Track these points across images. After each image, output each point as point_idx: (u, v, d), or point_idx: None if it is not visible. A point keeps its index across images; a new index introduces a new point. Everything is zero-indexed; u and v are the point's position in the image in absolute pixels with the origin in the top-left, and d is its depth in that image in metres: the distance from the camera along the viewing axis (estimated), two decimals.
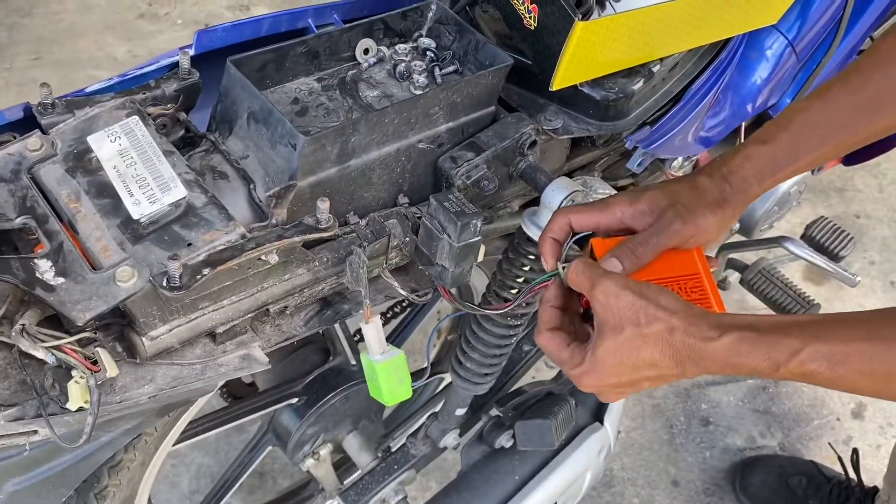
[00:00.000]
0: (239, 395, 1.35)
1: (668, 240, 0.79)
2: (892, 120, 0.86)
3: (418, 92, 0.88)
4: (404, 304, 1.50)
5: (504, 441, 1.21)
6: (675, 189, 0.81)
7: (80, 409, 0.67)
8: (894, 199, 2.33)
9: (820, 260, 1.36)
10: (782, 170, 0.83)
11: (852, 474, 1.60)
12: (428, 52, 0.94)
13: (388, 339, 0.89)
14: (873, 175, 2.38)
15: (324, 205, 0.75)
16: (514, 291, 0.99)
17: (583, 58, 0.88)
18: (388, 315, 1.52)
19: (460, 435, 1.24)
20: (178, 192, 0.73)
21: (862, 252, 2.18)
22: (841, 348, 0.70)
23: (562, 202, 0.89)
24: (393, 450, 1.27)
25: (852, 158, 1.77)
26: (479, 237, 0.84)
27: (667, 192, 0.81)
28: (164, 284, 0.66)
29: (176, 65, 0.87)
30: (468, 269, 0.87)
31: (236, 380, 1.34)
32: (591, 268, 0.77)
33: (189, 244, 0.70)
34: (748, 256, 1.73)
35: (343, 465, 1.51)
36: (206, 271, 0.68)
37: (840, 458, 1.61)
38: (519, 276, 0.99)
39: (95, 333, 0.68)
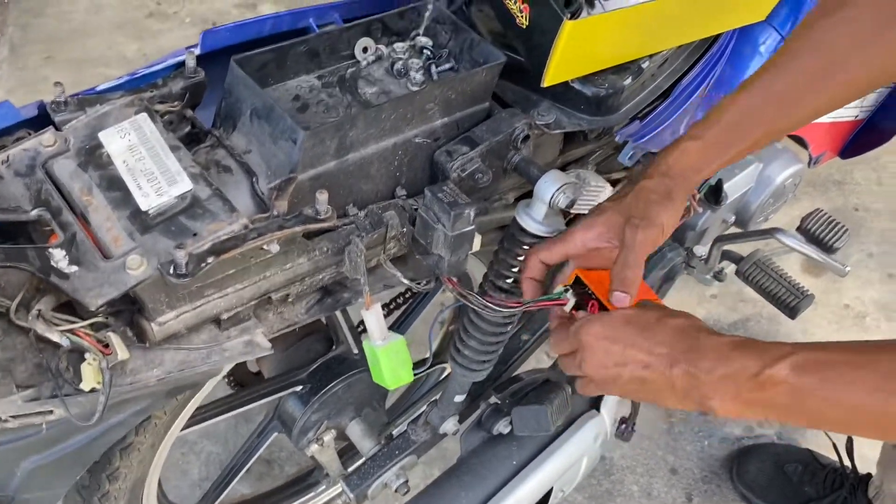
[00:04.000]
0: (245, 383, 1.39)
1: (641, 250, 0.85)
2: (809, 111, 0.90)
3: (415, 89, 0.92)
4: (406, 296, 1.53)
5: (502, 427, 1.25)
6: (625, 203, 0.87)
7: (93, 390, 0.71)
8: (893, 191, 2.35)
9: (810, 250, 1.39)
10: (714, 161, 0.89)
11: (847, 461, 1.63)
12: (425, 51, 0.98)
13: (390, 329, 0.93)
14: (872, 168, 2.40)
15: (322, 196, 0.78)
16: (509, 281, 1.02)
17: (573, 55, 0.92)
18: (391, 306, 1.56)
19: (460, 422, 1.27)
20: (185, 184, 0.77)
21: (860, 245, 2.20)
22: (833, 357, 0.74)
23: (553, 193, 0.92)
24: (394, 436, 1.31)
25: (848, 152, 1.80)
26: (473, 226, 0.87)
27: (618, 210, 0.87)
28: (171, 272, 0.70)
29: (182, 64, 0.91)
30: (464, 258, 0.91)
31: (243, 369, 1.38)
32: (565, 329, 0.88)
33: (195, 234, 0.74)
34: (745, 249, 1.76)
35: (348, 453, 1.55)
36: (210, 260, 0.72)
37: (835, 446, 1.64)
38: (514, 266, 1.02)
39: (107, 319, 0.72)
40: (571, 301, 0.94)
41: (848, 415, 0.74)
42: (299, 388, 1.25)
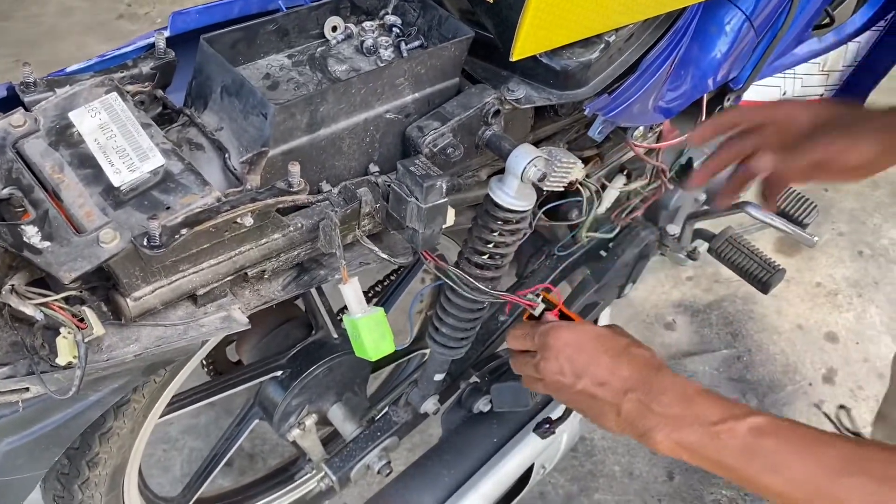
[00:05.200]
0: (225, 372, 1.39)
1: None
2: None
3: (384, 65, 0.93)
4: (385, 283, 1.54)
5: (482, 405, 1.26)
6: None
7: (70, 365, 0.71)
8: None
9: (779, 222, 1.41)
10: None
11: (844, 425, 1.66)
12: (394, 29, 0.99)
13: None
14: None
15: (294, 168, 0.79)
16: (484, 257, 1.03)
17: (539, 28, 0.93)
18: (370, 294, 1.56)
19: (441, 402, 1.28)
20: (157, 160, 0.77)
21: (831, 224, 2.24)
22: (791, 431, 0.79)
23: (525, 167, 0.93)
24: (376, 418, 1.31)
25: None
26: (446, 199, 0.88)
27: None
28: (145, 244, 0.70)
29: (152, 46, 0.91)
30: (438, 231, 0.91)
31: (223, 357, 1.38)
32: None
33: (168, 207, 0.74)
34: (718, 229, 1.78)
35: (332, 440, 1.56)
36: (184, 231, 0.72)
37: (826, 415, 1.67)
38: (489, 242, 1.03)
39: (81, 293, 0.72)
40: (540, 307, 0.99)
41: (784, 486, 0.78)
42: (279, 373, 1.25)
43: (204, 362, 1.37)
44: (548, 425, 1.15)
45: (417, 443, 1.75)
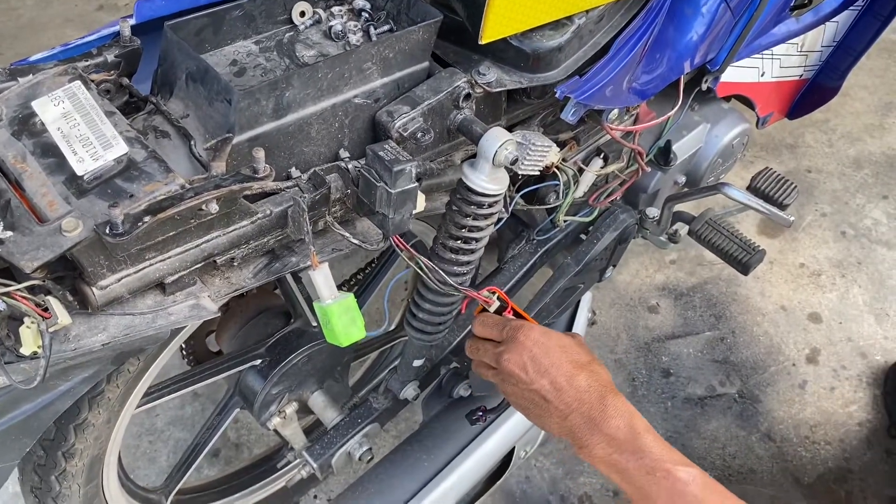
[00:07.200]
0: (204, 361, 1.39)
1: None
2: None
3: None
4: (359, 277, 1.53)
5: (462, 391, 1.26)
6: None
7: (35, 355, 0.71)
8: (843, 153, 2.40)
9: (755, 203, 1.41)
10: None
11: None
12: (363, 13, 0.98)
13: None
14: (823, 131, 2.45)
15: (259, 154, 0.79)
16: (459, 242, 1.03)
17: (506, 11, 0.93)
18: (352, 282, 1.56)
19: (421, 388, 1.28)
20: (120, 148, 0.77)
21: (814, 205, 2.25)
22: (723, 491, 0.87)
23: (496, 150, 0.93)
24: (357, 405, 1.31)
25: (795, 112, 1.83)
26: (415, 184, 0.88)
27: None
28: (108, 232, 0.70)
29: (118, 34, 0.90)
30: (408, 217, 0.91)
31: (203, 348, 1.38)
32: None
33: (131, 195, 0.74)
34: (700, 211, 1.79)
35: (314, 430, 1.56)
36: (147, 219, 0.71)
37: None
38: (463, 226, 1.03)
39: (45, 282, 0.72)
40: (496, 304, 1.05)
41: None
42: (258, 362, 1.25)
43: (184, 352, 1.36)
44: (480, 413, 1.17)
45: (404, 430, 1.75)
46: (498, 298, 1.04)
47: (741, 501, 0.88)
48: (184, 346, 1.35)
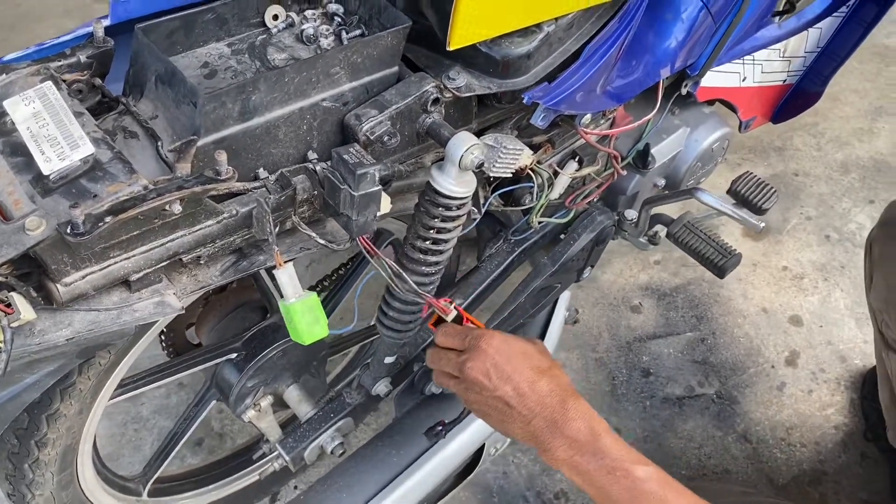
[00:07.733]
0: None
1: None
2: None
3: None
4: (341, 272, 1.55)
5: (434, 388, 1.28)
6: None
7: None
8: (831, 157, 2.41)
9: (726, 208, 1.43)
10: None
11: None
12: (335, 17, 1.00)
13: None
14: (812, 135, 2.46)
15: (221, 157, 0.81)
16: (427, 242, 1.05)
17: (473, 18, 0.94)
18: (318, 288, 1.57)
19: (394, 384, 1.30)
20: (87, 149, 0.79)
21: (799, 208, 2.26)
22: (679, 488, 0.91)
23: (463, 154, 0.95)
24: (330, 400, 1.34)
25: (780, 116, 1.85)
26: (378, 187, 0.90)
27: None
28: (69, 231, 0.72)
29: (92, 35, 0.92)
30: (372, 219, 0.93)
31: (182, 340, 1.41)
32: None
33: (94, 195, 0.76)
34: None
35: (292, 423, 1.58)
36: (108, 219, 0.74)
37: None
38: (431, 228, 1.05)
39: (7, 279, 0.74)
40: (453, 313, 1.07)
41: None
42: (234, 355, 1.27)
43: (164, 344, 1.39)
44: (440, 428, 1.19)
45: (383, 425, 1.77)
46: (455, 308, 1.06)
47: (696, 496, 0.92)
48: (163, 337, 1.37)
